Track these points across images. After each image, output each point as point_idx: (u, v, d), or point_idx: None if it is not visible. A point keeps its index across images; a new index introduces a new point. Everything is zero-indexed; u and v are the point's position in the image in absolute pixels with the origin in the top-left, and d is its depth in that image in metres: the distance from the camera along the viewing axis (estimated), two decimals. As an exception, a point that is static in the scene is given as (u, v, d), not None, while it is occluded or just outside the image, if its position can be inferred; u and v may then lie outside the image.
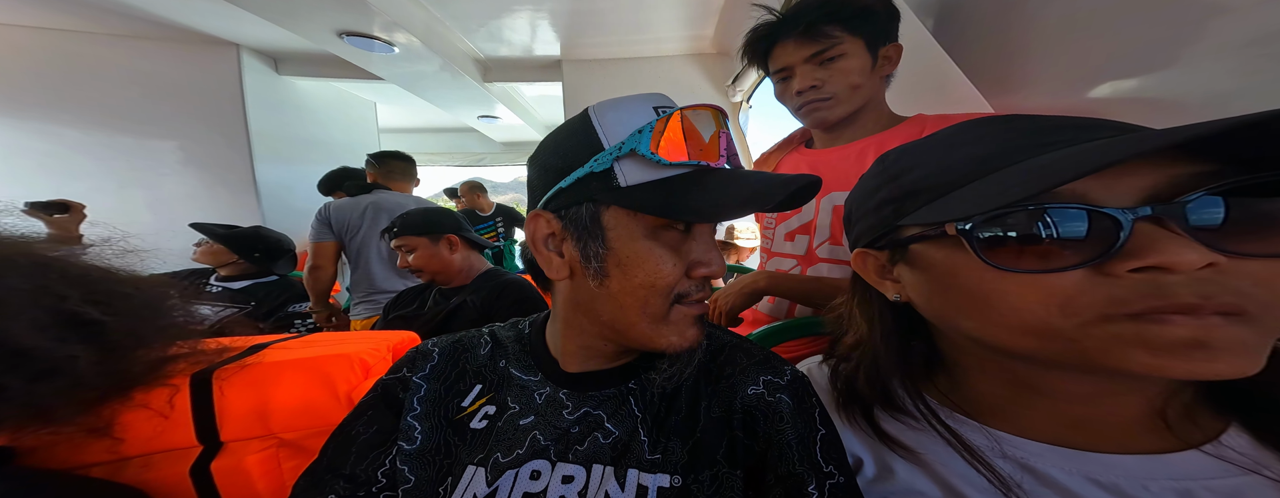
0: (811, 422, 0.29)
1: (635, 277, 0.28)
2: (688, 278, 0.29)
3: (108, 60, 1.66)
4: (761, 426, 0.29)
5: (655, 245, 0.28)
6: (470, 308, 0.91)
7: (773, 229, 0.70)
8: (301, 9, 1.26)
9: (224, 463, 0.40)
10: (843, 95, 0.56)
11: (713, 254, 0.29)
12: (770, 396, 0.30)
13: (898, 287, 0.28)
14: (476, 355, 0.35)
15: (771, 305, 0.69)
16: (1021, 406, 0.26)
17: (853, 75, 0.54)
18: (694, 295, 0.30)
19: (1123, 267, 0.18)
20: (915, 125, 0.56)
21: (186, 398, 0.40)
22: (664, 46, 1.92)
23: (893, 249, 0.27)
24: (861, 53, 0.54)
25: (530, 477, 0.29)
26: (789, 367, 0.32)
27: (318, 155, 2.13)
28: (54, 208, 1.12)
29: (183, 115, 1.75)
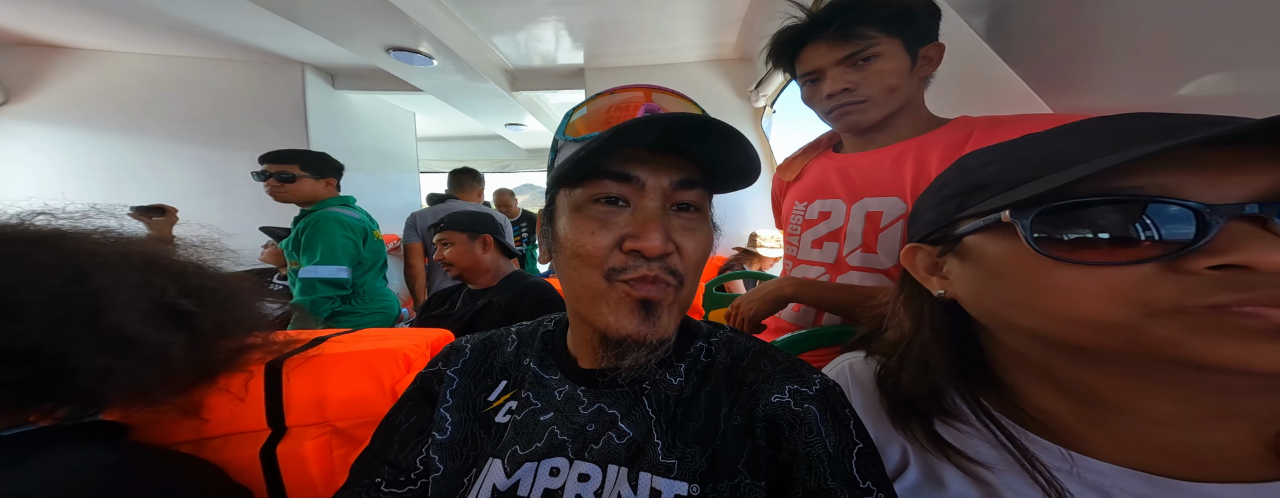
0: (847, 435, 0.27)
1: (567, 249, 0.29)
2: (620, 252, 0.27)
3: (195, 81, 1.88)
4: (786, 436, 0.27)
5: (581, 217, 0.28)
6: (496, 308, 0.94)
7: (798, 236, 0.67)
8: (356, 27, 1.37)
9: (287, 447, 0.42)
10: (878, 98, 0.53)
11: (649, 229, 0.26)
12: (797, 405, 0.28)
13: (944, 282, 0.27)
14: (503, 353, 0.36)
15: (796, 314, 0.66)
16: (1094, 424, 0.24)
17: (889, 77, 0.51)
18: (630, 272, 0.27)
19: (1201, 263, 0.18)
20: (959, 128, 0.52)
21: (260, 385, 0.43)
22: (685, 53, 1.92)
23: (946, 243, 0.27)
24: (899, 54, 0.51)
25: (549, 473, 0.28)
26: (819, 375, 0.30)
27: (365, 163, 2.30)
28: (153, 211, 1.29)
29: (254, 128, 1.93)
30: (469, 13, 1.53)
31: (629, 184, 0.27)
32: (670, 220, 0.28)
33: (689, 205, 0.29)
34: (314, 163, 1.22)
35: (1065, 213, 0.20)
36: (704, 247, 0.30)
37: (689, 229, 0.29)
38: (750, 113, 2.07)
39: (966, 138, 0.50)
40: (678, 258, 0.28)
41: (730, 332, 0.36)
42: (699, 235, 0.29)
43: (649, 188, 0.28)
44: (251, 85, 1.91)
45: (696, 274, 0.30)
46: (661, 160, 0.28)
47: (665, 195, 0.28)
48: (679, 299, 0.29)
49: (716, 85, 2.02)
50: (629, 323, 0.27)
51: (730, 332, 0.36)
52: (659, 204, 0.28)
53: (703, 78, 2.01)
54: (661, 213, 0.28)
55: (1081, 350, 0.22)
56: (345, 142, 2.17)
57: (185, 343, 0.35)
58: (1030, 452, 0.24)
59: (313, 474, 0.42)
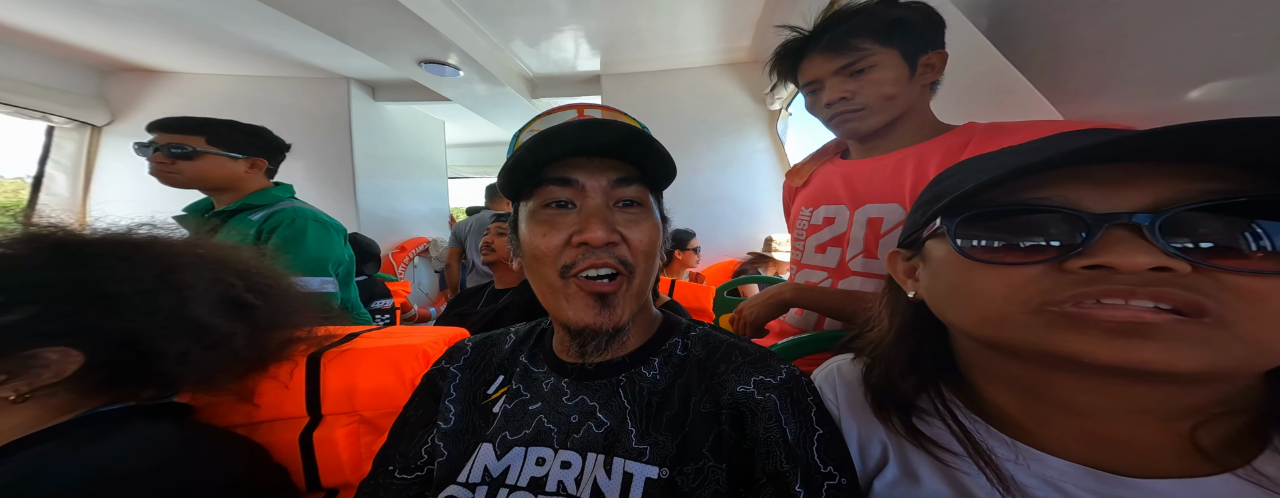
0: (807, 421, 0.29)
1: (527, 252, 0.32)
2: (571, 248, 0.31)
3: (258, 97, 2.08)
4: (749, 423, 0.29)
5: (534, 222, 0.32)
6: (514, 307, 1.00)
7: (803, 241, 0.67)
8: (392, 42, 1.48)
9: (322, 433, 0.45)
10: (875, 105, 0.54)
11: (592, 223, 0.30)
12: (760, 394, 0.29)
13: (915, 284, 0.29)
14: (501, 350, 0.39)
15: (799, 317, 0.66)
16: (1042, 420, 0.25)
17: (886, 85, 0.52)
18: (581, 263, 0.30)
19: (1078, 263, 0.20)
20: (964, 134, 0.52)
21: (301, 375, 0.46)
22: (699, 57, 1.93)
23: (915, 248, 0.29)
24: (896, 63, 0.52)
25: (536, 462, 0.31)
26: (785, 366, 0.32)
27: (399, 170, 2.45)
28: None
29: (307, 140, 2.08)
30: (492, 25, 1.61)
31: (571, 187, 0.31)
32: (615, 216, 0.32)
33: (631, 201, 0.33)
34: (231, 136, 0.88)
35: (982, 221, 0.23)
36: (649, 236, 0.33)
37: (633, 221, 0.32)
38: (765, 116, 2.05)
39: (965, 144, 0.49)
40: (625, 248, 0.31)
41: (710, 328, 0.38)
42: (644, 226, 0.32)
43: (588, 188, 0.31)
44: (304, 100, 2.10)
45: (648, 263, 0.33)
46: (598, 164, 0.31)
47: (606, 194, 0.31)
48: (632, 288, 0.32)
49: (730, 89, 2.01)
50: (586, 314, 0.31)
51: (710, 328, 0.38)
52: (601, 201, 0.31)
53: (717, 82, 2.01)
54: (604, 209, 0.31)
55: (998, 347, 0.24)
56: (384, 150, 2.33)
57: (246, 332, 0.41)
58: (979, 442, 0.25)
59: (342, 460, 0.45)
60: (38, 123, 1.87)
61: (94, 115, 1.96)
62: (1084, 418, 0.23)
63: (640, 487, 0.28)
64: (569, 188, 0.31)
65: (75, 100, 1.89)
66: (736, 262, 1.94)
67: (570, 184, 0.31)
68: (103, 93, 1.99)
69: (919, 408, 0.29)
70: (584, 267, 0.30)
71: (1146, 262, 0.18)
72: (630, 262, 0.31)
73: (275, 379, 0.45)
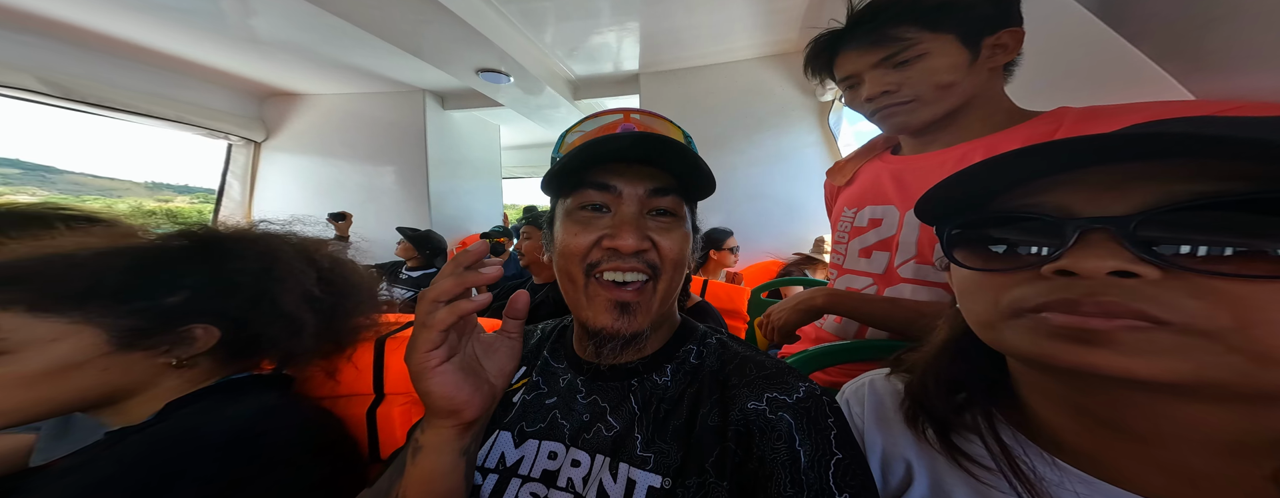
0: (826, 444, 0.27)
1: (558, 248, 0.33)
2: (599, 248, 0.31)
3: (357, 112, 2.44)
4: (756, 443, 0.27)
5: (569, 221, 0.32)
6: (549, 302, 1.06)
7: (845, 243, 0.59)
8: (454, 54, 1.64)
9: (383, 410, 0.49)
10: (929, 96, 0.47)
11: (624, 229, 0.30)
12: (772, 413, 0.28)
13: None
14: (528, 344, 0.40)
15: (838, 325, 0.59)
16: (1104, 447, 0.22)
17: (940, 74, 0.46)
18: (605, 265, 0.30)
19: (1049, 268, 0.19)
20: (1051, 122, 0.42)
21: (370, 357, 0.51)
22: (742, 51, 1.82)
23: None
24: (951, 49, 0.45)
25: (548, 456, 0.31)
26: (804, 384, 0.29)
27: (464, 172, 2.72)
28: (339, 216, 1.84)
29: (391, 147, 2.45)
30: (538, 32, 1.70)
31: (608, 192, 0.31)
32: (647, 223, 0.32)
33: (665, 210, 0.33)
34: None
35: (973, 229, 0.23)
36: (679, 245, 0.32)
37: (664, 230, 0.32)
38: (815, 107, 1.87)
39: (1053, 133, 0.40)
40: (655, 253, 0.31)
41: (727, 338, 0.36)
42: (674, 235, 0.32)
43: (625, 195, 0.31)
44: (389, 111, 2.42)
45: (675, 271, 0.33)
46: (638, 171, 0.32)
47: (641, 201, 0.32)
48: (656, 294, 0.32)
49: (775, 81, 1.87)
50: (604, 318, 0.31)
51: (727, 338, 0.36)
52: (635, 209, 0.31)
53: (761, 74, 1.88)
54: (638, 216, 0.31)
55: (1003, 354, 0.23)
56: (449, 154, 2.59)
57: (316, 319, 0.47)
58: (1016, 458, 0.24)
59: (398, 435, 0.49)
60: (219, 141, 2.45)
61: (255, 133, 2.49)
62: (1148, 446, 0.21)
63: (643, 494, 0.28)
64: (607, 193, 0.31)
65: (242, 121, 2.40)
66: (779, 262, 1.81)
67: (608, 189, 0.31)
68: (261, 114, 2.51)
69: (959, 424, 0.26)
70: (608, 267, 0.31)
71: (1104, 266, 0.18)
72: (659, 266, 0.31)
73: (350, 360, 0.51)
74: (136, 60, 1.90)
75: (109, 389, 0.37)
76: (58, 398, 0.35)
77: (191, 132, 2.22)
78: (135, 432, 0.35)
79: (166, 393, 0.38)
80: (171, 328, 0.38)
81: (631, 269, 0.30)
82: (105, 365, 0.36)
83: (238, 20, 1.61)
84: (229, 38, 1.76)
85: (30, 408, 0.34)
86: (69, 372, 0.34)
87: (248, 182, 2.56)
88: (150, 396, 0.38)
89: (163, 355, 0.38)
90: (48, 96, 1.69)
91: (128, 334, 0.36)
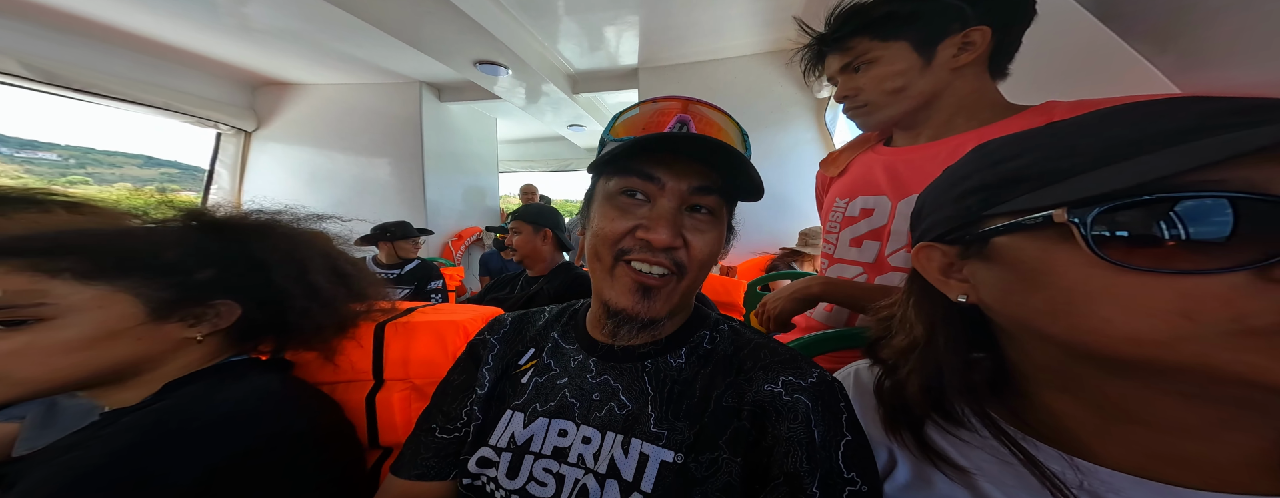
0: (837, 426, 0.27)
1: (592, 228, 0.33)
2: (632, 237, 0.31)
3: (352, 102, 2.40)
4: (771, 422, 0.28)
5: (609, 205, 0.32)
6: (545, 294, 1.06)
7: (836, 234, 0.61)
8: (453, 45, 1.62)
9: (382, 396, 0.49)
10: (879, 101, 0.51)
11: (659, 224, 0.30)
12: (788, 395, 0.28)
13: (965, 287, 0.24)
14: (535, 325, 0.41)
15: (829, 313, 0.61)
16: (1107, 434, 0.22)
17: (887, 81, 0.50)
18: (636, 254, 0.31)
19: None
20: (1038, 115, 0.43)
21: (369, 342, 0.51)
22: (741, 47, 1.83)
23: (968, 244, 0.24)
24: (901, 56, 0.48)
25: (558, 433, 0.32)
26: (817, 370, 0.30)
27: (459, 164, 2.69)
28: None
29: (387, 139, 2.41)
30: (538, 24, 1.69)
31: (652, 183, 0.31)
32: (684, 219, 0.32)
33: (703, 208, 0.32)
34: None
35: (1133, 211, 0.17)
36: (711, 246, 0.32)
37: (699, 229, 0.32)
38: (812, 105, 1.88)
39: None
40: (685, 252, 0.31)
41: (738, 325, 0.37)
42: (708, 236, 0.32)
43: (668, 189, 0.31)
44: (384, 103, 2.38)
45: (700, 270, 0.32)
46: (685, 166, 0.31)
47: (682, 197, 0.31)
48: (678, 288, 0.32)
49: (773, 78, 1.88)
50: (626, 299, 0.31)
51: (738, 325, 0.37)
52: (675, 204, 0.31)
53: (759, 71, 1.88)
54: (675, 212, 0.31)
55: (1126, 365, 0.19)
56: (445, 146, 2.56)
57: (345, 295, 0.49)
58: (1039, 461, 0.22)
59: (397, 421, 0.49)
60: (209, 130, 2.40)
61: (246, 122, 2.44)
62: (1161, 432, 0.20)
63: (655, 468, 0.28)
64: (650, 182, 0.31)
65: (234, 111, 2.36)
66: (769, 256, 1.83)
67: (652, 180, 0.31)
68: (252, 104, 2.46)
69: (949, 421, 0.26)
70: (638, 257, 0.31)
71: None
72: (685, 264, 0.31)
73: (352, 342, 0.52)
74: (123, 46, 1.85)
75: (136, 360, 0.37)
76: (92, 366, 0.35)
77: (180, 119, 2.18)
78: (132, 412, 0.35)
79: (169, 373, 0.39)
80: (201, 301, 0.39)
81: (658, 264, 0.31)
82: (139, 335, 0.36)
83: (231, 7, 1.57)
84: (221, 25, 1.71)
85: (66, 374, 0.34)
86: (108, 340, 0.35)
87: (237, 171, 2.51)
88: (159, 373, 0.38)
89: (189, 330, 0.39)
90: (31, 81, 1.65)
91: (163, 305, 0.37)
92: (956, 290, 0.25)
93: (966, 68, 0.48)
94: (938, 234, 0.26)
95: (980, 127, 0.47)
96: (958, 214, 0.24)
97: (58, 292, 0.33)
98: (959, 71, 0.48)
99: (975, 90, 0.49)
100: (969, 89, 0.49)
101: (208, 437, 0.32)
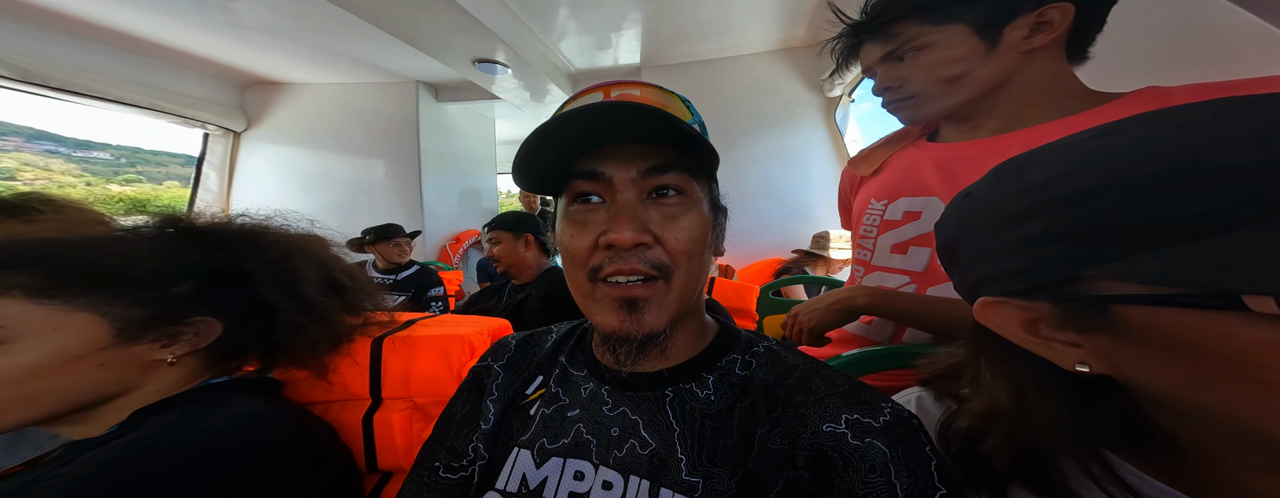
0: (927, 477, 0.23)
1: (562, 252, 0.29)
2: (600, 249, 0.27)
3: (346, 102, 2.34)
4: (839, 473, 0.23)
5: (566, 221, 0.29)
6: (534, 300, 1.01)
7: (872, 239, 0.55)
8: (451, 43, 1.57)
9: (381, 416, 0.46)
10: (930, 91, 0.46)
11: (617, 222, 0.26)
12: (856, 438, 0.24)
13: (1080, 353, 0.19)
14: (542, 349, 0.36)
15: (868, 326, 0.56)
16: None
17: (941, 68, 0.44)
18: (608, 267, 0.26)
19: None
20: (1135, 104, 0.38)
21: (366, 359, 0.47)
22: (748, 46, 1.79)
23: (1067, 308, 0.19)
24: (960, 40, 0.43)
25: (574, 477, 0.28)
26: (889, 405, 0.25)
27: (456, 165, 2.64)
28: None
29: (383, 139, 2.35)
30: (538, 21, 1.64)
31: (598, 181, 0.27)
32: (648, 212, 0.27)
33: (669, 190, 0.27)
34: None
35: None
36: (690, 233, 0.27)
37: (670, 215, 0.27)
38: (822, 104, 1.85)
39: None
40: (660, 250, 0.27)
41: (775, 345, 0.31)
42: (683, 221, 0.27)
43: (616, 181, 0.27)
44: (380, 103, 2.32)
45: (690, 263, 0.27)
46: (630, 152, 0.27)
47: (637, 185, 0.27)
48: (670, 293, 0.27)
49: (782, 77, 1.84)
50: (613, 319, 0.27)
51: (775, 345, 0.31)
52: (631, 195, 0.27)
53: (766, 70, 1.85)
54: (635, 205, 0.27)
55: None
56: (443, 147, 2.51)
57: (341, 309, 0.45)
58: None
59: (397, 443, 0.46)
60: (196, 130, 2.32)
61: (235, 122, 2.37)
62: None
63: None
64: (597, 182, 0.27)
65: (223, 110, 2.28)
66: (779, 260, 1.79)
67: (597, 177, 0.27)
68: (242, 103, 2.39)
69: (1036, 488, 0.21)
70: (611, 271, 0.26)
71: None
72: (666, 264, 0.27)
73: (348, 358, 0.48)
74: (104, 42, 1.78)
75: (99, 390, 0.32)
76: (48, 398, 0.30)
77: (165, 119, 2.10)
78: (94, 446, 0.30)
79: (139, 399, 0.34)
80: (178, 319, 0.34)
81: (633, 271, 0.26)
82: (103, 360, 0.32)
83: (218, 2, 1.51)
84: (208, 22, 1.65)
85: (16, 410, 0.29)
86: (66, 366, 0.30)
87: (226, 173, 2.43)
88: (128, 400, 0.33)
89: (160, 351, 0.34)
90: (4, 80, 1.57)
91: (132, 325, 0.32)
92: (1069, 358, 0.19)
93: (1041, 51, 0.42)
94: (1007, 290, 0.20)
95: (1063, 117, 0.42)
96: (1033, 268, 0.19)
97: (6, 312, 0.29)
98: (1031, 55, 0.42)
99: (1053, 76, 0.43)
100: (1044, 75, 0.43)
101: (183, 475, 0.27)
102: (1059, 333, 0.20)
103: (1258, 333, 0.14)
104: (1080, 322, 0.19)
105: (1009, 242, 0.20)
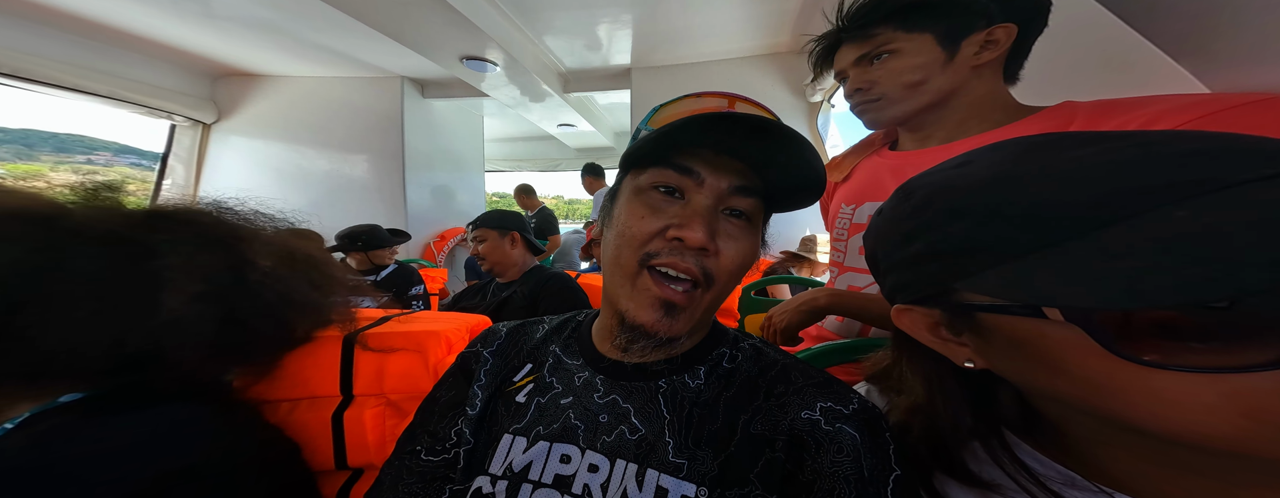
0: (886, 459, 0.25)
1: (616, 226, 0.30)
2: (662, 238, 0.28)
3: (327, 96, 2.27)
4: (811, 454, 0.26)
5: (638, 201, 0.29)
6: (519, 297, 1.01)
7: (845, 242, 0.59)
8: (439, 39, 1.55)
9: (352, 414, 0.45)
10: (895, 95, 0.49)
11: (695, 221, 0.27)
12: (828, 424, 0.26)
13: (968, 351, 0.22)
14: (532, 338, 0.37)
15: (840, 325, 0.60)
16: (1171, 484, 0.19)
17: (906, 74, 0.47)
18: (663, 258, 0.28)
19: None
20: (1055, 117, 0.42)
21: (337, 356, 0.47)
22: (734, 49, 1.83)
23: (948, 311, 0.22)
24: (924, 48, 0.46)
25: (560, 460, 0.29)
26: (856, 396, 0.28)
27: (443, 163, 2.59)
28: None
29: (366, 135, 2.29)
30: (528, 20, 1.64)
31: (689, 177, 0.28)
32: (718, 222, 0.29)
33: (741, 213, 0.29)
34: None
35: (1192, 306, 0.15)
36: (743, 256, 0.29)
37: (733, 236, 0.29)
38: (805, 109, 1.91)
39: (1064, 129, 0.40)
40: (714, 260, 0.28)
41: (759, 343, 0.34)
42: (742, 244, 0.29)
43: (706, 185, 0.28)
44: (362, 98, 2.27)
45: (729, 282, 0.29)
46: (725, 164, 0.28)
47: (720, 196, 0.29)
48: (702, 302, 0.29)
49: (766, 82, 1.90)
50: (648, 315, 0.28)
51: (759, 343, 0.34)
52: (711, 202, 0.28)
53: (752, 73, 1.90)
54: (712, 211, 0.28)
55: (1206, 449, 0.16)
56: (429, 144, 2.46)
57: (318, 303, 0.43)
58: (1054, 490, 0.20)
59: (369, 441, 0.46)
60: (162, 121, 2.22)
61: (205, 114, 2.26)
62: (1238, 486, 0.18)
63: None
64: (687, 178, 0.28)
65: (192, 101, 2.18)
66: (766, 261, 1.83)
67: (690, 174, 0.28)
68: (212, 95, 2.28)
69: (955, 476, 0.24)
70: (666, 262, 0.28)
71: None
72: (713, 274, 0.28)
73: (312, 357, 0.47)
74: (60, 27, 1.68)
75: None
76: None
77: (128, 109, 1.99)
78: None
79: None
80: None
81: (686, 270, 0.28)
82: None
83: (189, -11, 1.46)
84: (178, 10, 1.58)
85: None
86: None
87: (193, 166, 2.33)
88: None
89: None
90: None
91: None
92: (960, 355, 0.22)
93: (985, 67, 0.46)
94: (908, 298, 0.23)
95: (993, 129, 0.46)
96: (920, 280, 0.22)
97: None
98: (977, 70, 0.47)
99: (990, 92, 0.48)
100: (984, 90, 0.48)
101: None
102: (951, 335, 0.23)
103: (1059, 334, 0.17)
104: (960, 326, 0.22)
105: (906, 256, 0.23)
